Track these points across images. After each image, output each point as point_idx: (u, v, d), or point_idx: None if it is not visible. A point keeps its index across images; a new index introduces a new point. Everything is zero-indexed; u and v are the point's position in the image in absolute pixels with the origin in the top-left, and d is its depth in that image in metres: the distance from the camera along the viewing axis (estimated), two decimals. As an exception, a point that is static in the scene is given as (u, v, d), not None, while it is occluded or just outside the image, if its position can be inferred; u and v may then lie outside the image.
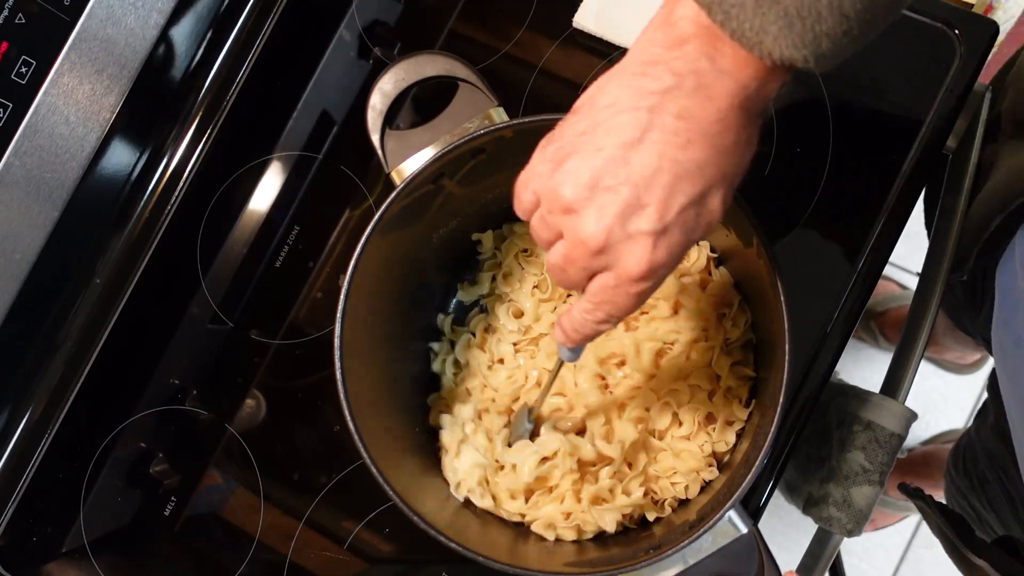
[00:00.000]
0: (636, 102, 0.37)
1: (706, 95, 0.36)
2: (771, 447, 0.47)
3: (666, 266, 0.39)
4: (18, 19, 0.53)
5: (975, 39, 0.60)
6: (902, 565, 1.39)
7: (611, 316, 0.41)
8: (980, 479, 0.74)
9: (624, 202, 0.37)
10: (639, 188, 0.37)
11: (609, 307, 0.41)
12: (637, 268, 0.38)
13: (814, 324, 0.59)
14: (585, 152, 0.38)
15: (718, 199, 0.38)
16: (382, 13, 0.70)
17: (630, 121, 0.37)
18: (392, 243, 0.54)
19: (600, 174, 0.37)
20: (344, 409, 0.50)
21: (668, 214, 0.37)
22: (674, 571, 0.50)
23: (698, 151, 0.36)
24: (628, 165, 0.37)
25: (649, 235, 0.37)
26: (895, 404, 0.62)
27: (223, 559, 0.65)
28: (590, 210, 0.37)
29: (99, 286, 0.62)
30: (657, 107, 0.36)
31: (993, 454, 0.71)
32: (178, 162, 0.63)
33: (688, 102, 0.36)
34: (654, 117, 0.36)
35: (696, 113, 0.36)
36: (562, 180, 0.38)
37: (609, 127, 0.37)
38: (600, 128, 0.37)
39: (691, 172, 0.37)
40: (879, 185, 0.60)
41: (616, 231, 0.37)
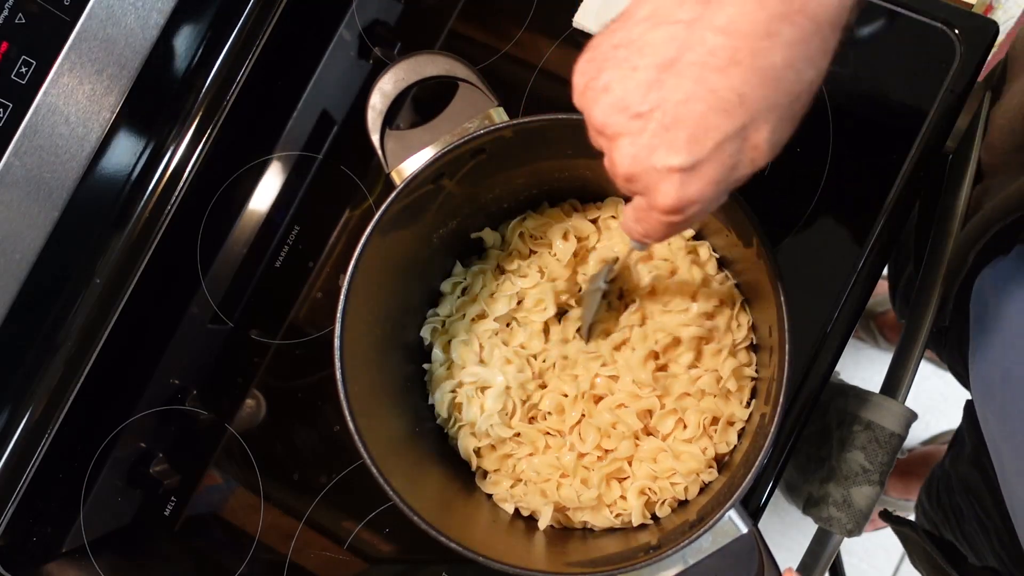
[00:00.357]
0: (675, 13, 0.33)
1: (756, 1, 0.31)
2: (771, 447, 0.47)
3: (699, 202, 0.35)
4: (18, 19, 0.53)
5: (975, 39, 0.60)
6: (902, 565, 1.39)
7: (648, 235, 0.39)
8: (955, 511, 0.73)
9: (653, 132, 0.34)
10: (670, 117, 0.33)
11: (645, 226, 0.38)
12: (664, 202, 0.35)
13: (814, 324, 0.59)
14: (619, 70, 0.34)
15: (764, 134, 0.34)
16: (382, 13, 0.70)
17: (666, 38, 0.33)
18: (392, 243, 0.54)
19: (631, 98, 0.34)
20: (344, 409, 0.50)
21: (701, 150, 0.33)
22: (674, 571, 0.50)
23: (739, 75, 0.32)
24: (661, 89, 0.33)
25: (678, 171, 0.34)
26: (895, 404, 0.62)
27: (223, 559, 0.65)
28: (622, 138, 0.35)
29: (99, 286, 0.62)
30: (697, 20, 0.32)
31: (970, 486, 0.70)
32: (178, 162, 0.63)
33: (732, 11, 0.32)
34: (692, 33, 0.32)
35: (742, 25, 0.32)
36: (593, 99, 0.35)
37: (644, 43, 0.33)
38: (635, 44, 0.34)
39: (728, 101, 0.32)
40: (879, 185, 0.60)
41: (644, 162, 0.34)
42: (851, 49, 0.62)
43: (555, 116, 0.50)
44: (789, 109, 0.34)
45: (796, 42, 0.32)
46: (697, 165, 0.34)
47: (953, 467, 0.76)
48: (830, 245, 0.60)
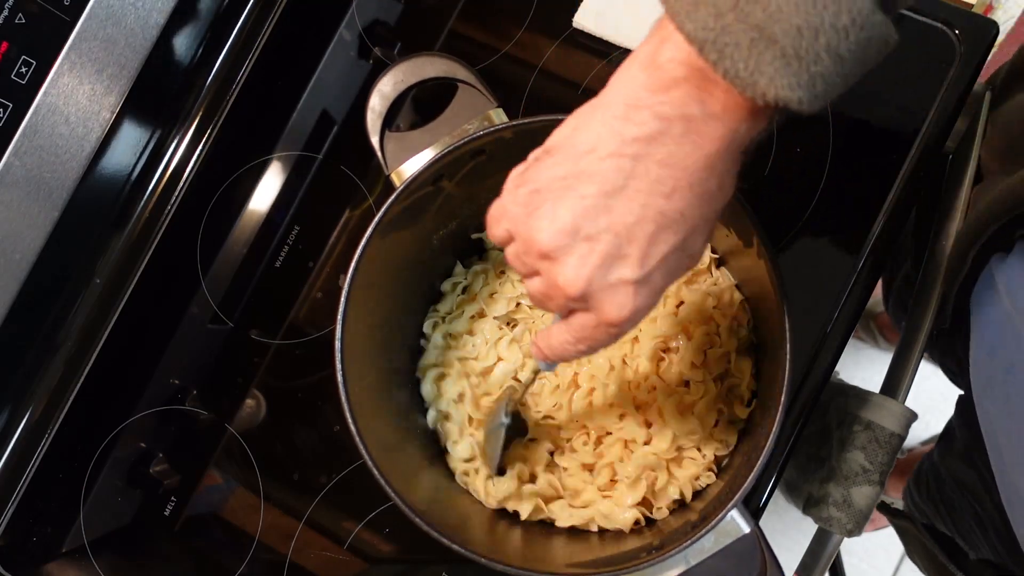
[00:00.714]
0: (620, 148, 0.36)
1: (694, 141, 0.35)
2: (772, 447, 0.47)
3: (647, 309, 0.39)
4: (18, 19, 0.53)
5: (975, 39, 0.60)
6: (902, 565, 1.39)
7: (591, 349, 0.41)
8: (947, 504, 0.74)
9: (605, 252, 0.37)
10: (621, 238, 0.36)
11: (589, 342, 0.41)
12: (618, 315, 0.38)
13: (814, 324, 0.59)
14: (565, 199, 0.37)
15: (700, 241, 0.38)
16: (382, 13, 0.70)
17: (613, 168, 0.36)
18: (392, 244, 0.54)
19: (581, 222, 0.37)
20: (344, 409, 0.50)
21: (650, 263, 0.37)
22: (676, 571, 0.50)
23: (682, 199, 0.36)
24: (610, 213, 0.36)
25: (631, 283, 0.37)
26: (895, 404, 0.62)
27: (223, 559, 0.65)
28: (570, 258, 0.37)
29: (99, 286, 0.62)
30: (642, 155, 0.36)
31: (963, 481, 0.71)
32: (178, 162, 0.63)
33: (674, 148, 0.36)
34: (638, 165, 0.36)
35: (682, 160, 0.36)
36: (539, 226, 0.38)
37: (591, 174, 0.36)
38: (582, 175, 0.37)
39: (674, 221, 0.36)
40: (879, 185, 0.60)
41: (597, 280, 0.37)
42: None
43: (555, 116, 0.50)
44: (714, 220, 0.39)
45: (725, 171, 0.37)
46: (648, 276, 0.37)
47: (943, 461, 0.76)
48: (830, 245, 0.60)
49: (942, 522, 0.75)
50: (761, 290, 0.53)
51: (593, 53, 0.66)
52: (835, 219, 0.61)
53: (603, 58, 0.65)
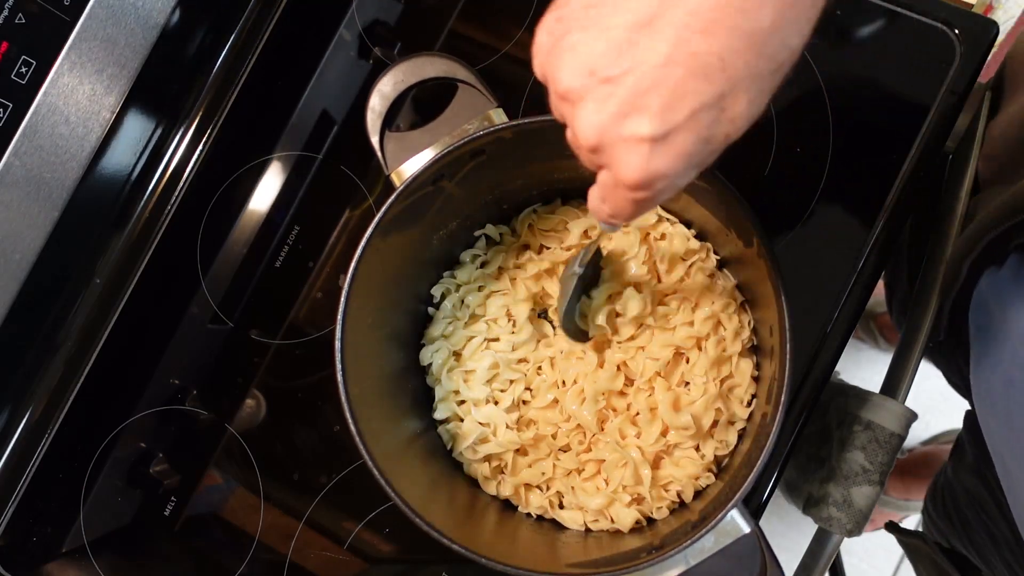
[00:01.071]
0: None
1: None
2: (772, 447, 0.47)
3: (667, 176, 0.32)
4: (18, 19, 0.53)
5: (975, 39, 0.60)
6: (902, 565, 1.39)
7: (615, 215, 0.36)
8: (962, 520, 0.73)
9: (622, 99, 0.31)
10: (643, 83, 0.30)
11: (611, 205, 0.35)
12: (629, 176, 0.32)
13: (814, 324, 0.59)
14: (589, 30, 0.31)
15: (742, 104, 0.31)
16: (382, 13, 0.70)
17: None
18: (392, 245, 0.54)
19: (601, 60, 0.31)
20: (344, 409, 0.50)
21: (674, 117, 0.31)
22: (676, 571, 0.50)
23: (723, 38, 0.29)
24: (635, 51, 0.30)
25: (646, 140, 0.31)
26: (895, 404, 0.62)
27: (223, 559, 0.65)
28: (586, 103, 0.32)
29: (99, 286, 0.62)
30: None
31: (975, 496, 0.70)
32: (178, 162, 0.63)
33: None
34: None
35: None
36: (559, 62, 0.32)
37: (619, 2, 0.31)
38: (610, 2, 0.31)
39: (709, 67, 0.30)
40: (879, 185, 0.60)
41: (611, 130, 0.32)
42: (851, 49, 0.62)
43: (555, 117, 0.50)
44: (770, 79, 0.32)
45: (787, 5, 0.30)
46: (669, 135, 0.31)
47: (956, 476, 0.75)
48: (830, 245, 0.60)
49: (957, 538, 0.74)
50: (761, 290, 0.53)
51: (593, 53, 0.66)
52: (835, 219, 0.61)
53: (603, 58, 0.65)
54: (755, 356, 0.57)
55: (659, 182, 0.33)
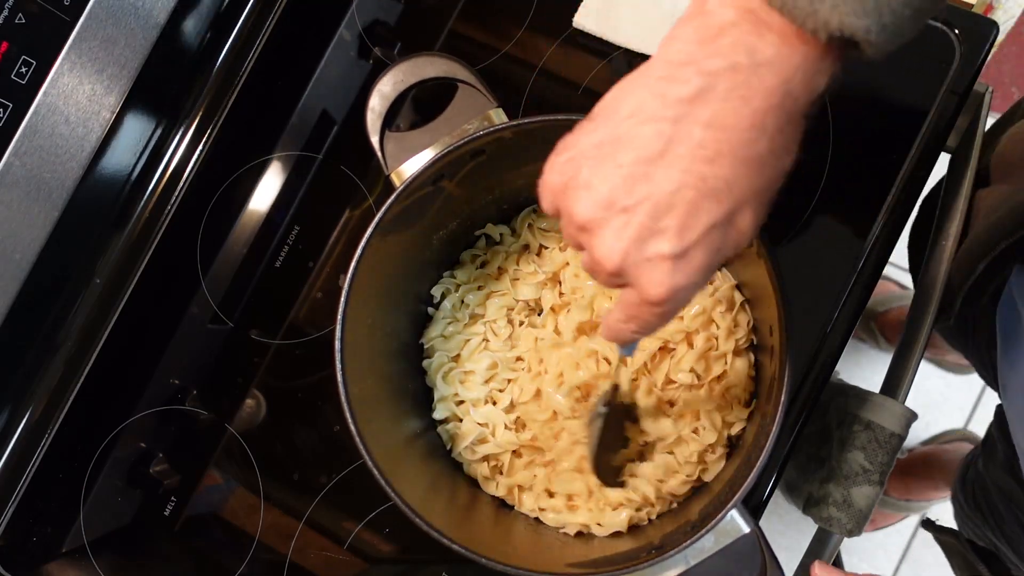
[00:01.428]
0: (661, 111, 0.33)
1: (741, 97, 0.33)
2: (772, 447, 0.47)
3: (688, 288, 0.36)
4: (18, 19, 0.53)
5: (975, 39, 0.60)
6: (902, 565, 1.39)
7: (642, 328, 0.39)
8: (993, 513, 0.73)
9: (641, 224, 0.34)
10: (659, 208, 0.34)
11: (637, 322, 0.38)
12: (656, 292, 0.35)
13: (814, 324, 0.59)
14: (602, 167, 0.35)
15: (748, 218, 0.35)
16: (382, 13, 0.70)
17: (653, 134, 0.33)
18: (392, 244, 0.54)
19: (617, 193, 0.34)
20: (344, 409, 0.50)
21: (690, 236, 0.34)
22: (676, 571, 0.50)
23: (727, 165, 0.33)
24: (648, 182, 0.34)
25: (668, 259, 0.34)
26: (895, 404, 0.62)
27: (223, 559, 0.65)
28: (606, 231, 0.35)
29: (99, 286, 0.62)
30: (684, 116, 0.33)
31: (1006, 492, 0.70)
32: (178, 162, 0.63)
33: (719, 107, 0.33)
34: (679, 128, 0.33)
35: (727, 120, 0.33)
36: (576, 197, 0.36)
37: (629, 140, 0.34)
38: (620, 141, 0.34)
39: (718, 190, 0.33)
40: (879, 185, 0.60)
41: (633, 254, 0.35)
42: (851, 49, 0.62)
43: (555, 117, 0.50)
44: (768, 193, 0.36)
45: (777, 131, 0.34)
46: (687, 251, 0.34)
47: (987, 471, 0.75)
48: (830, 245, 0.60)
49: (991, 531, 0.74)
50: (761, 290, 0.53)
51: (593, 53, 0.66)
52: (835, 219, 0.61)
53: (603, 58, 0.65)
54: (754, 355, 0.57)
55: (681, 294, 0.36)
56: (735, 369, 0.56)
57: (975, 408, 1.41)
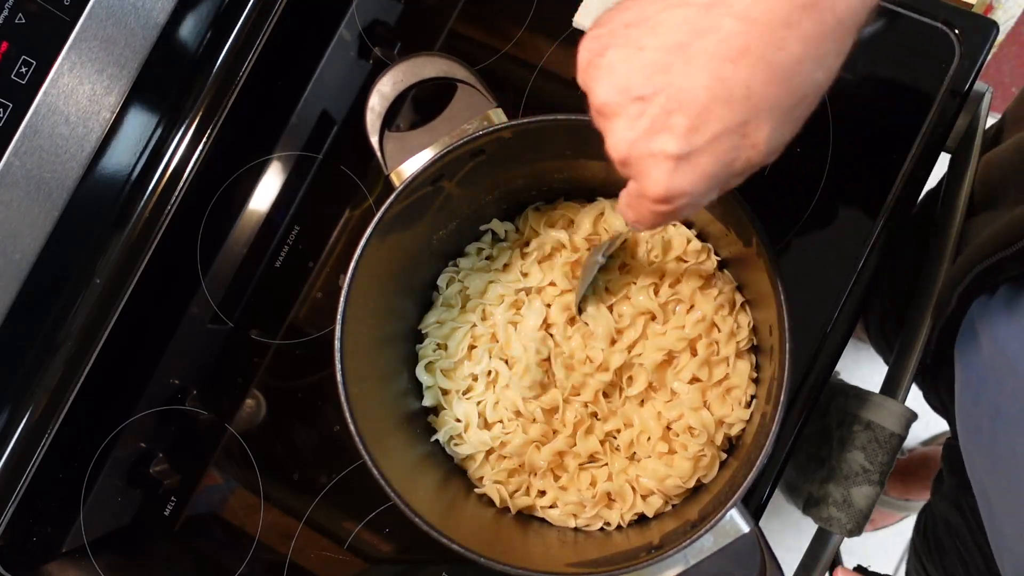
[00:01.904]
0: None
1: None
2: (772, 447, 0.47)
3: (689, 194, 0.34)
4: (18, 19, 0.53)
5: (975, 39, 0.60)
6: (902, 565, 1.39)
7: (638, 222, 0.38)
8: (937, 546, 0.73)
9: (652, 117, 0.32)
10: (672, 103, 0.32)
11: (635, 214, 0.37)
12: (654, 190, 0.34)
13: (814, 324, 0.59)
14: (625, 49, 0.33)
15: (764, 132, 0.32)
16: (382, 13, 0.70)
17: (680, 20, 0.31)
18: (392, 244, 0.54)
19: (635, 79, 0.33)
20: (344, 409, 0.50)
21: (697, 138, 0.32)
22: (676, 571, 0.50)
23: (751, 67, 0.31)
24: (667, 73, 0.32)
25: (671, 158, 0.33)
26: (895, 404, 0.62)
27: (223, 559, 0.65)
28: (619, 119, 0.34)
29: (99, 286, 0.62)
30: (715, 4, 0.31)
31: (950, 522, 0.70)
32: (178, 162, 0.63)
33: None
34: (708, 16, 0.31)
35: (761, 13, 0.30)
36: (597, 78, 0.34)
37: (656, 23, 0.32)
38: (647, 23, 0.32)
39: (734, 94, 0.31)
40: (879, 185, 0.60)
41: (639, 146, 0.33)
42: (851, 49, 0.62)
43: (554, 117, 0.50)
44: (794, 110, 0.33)
45: (813, 37, 0.31)
46: (692, 154, 0.33)
47: (935, 504, 0.75)
48: (830, 245, 0.60)
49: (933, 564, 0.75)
50: (761, 290, 0.53)
51: (593, 53, 0.66)
52: (835, 219, 0.61)
53: (603, 58, 0.65)
54: (755, 356, 0.57)
55: (680, 198, 0.34)
56: (736, 370, 0.56)
57: (975, 408, 1.41)
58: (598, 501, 0.56)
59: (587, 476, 0.57)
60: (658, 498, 0.56)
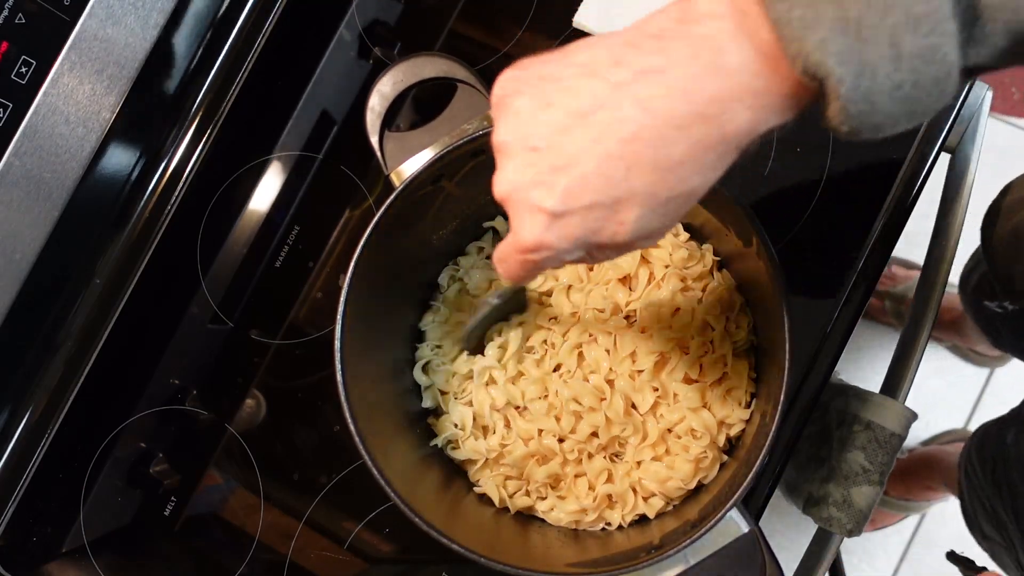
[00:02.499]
0: (607, 73, 0.33)
1: (684, 92, 0.32)
2: (772, 447, 0.47)
3: (553, 250, 0.36)
4: (18, 19, 0.53)
5: (975, 39, 0.60)
6: (902, 565, 1.39)
7: (508, 275, 0.39)
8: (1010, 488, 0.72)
9: (540, 170, 0.35)
10: (560, 161, 0.34)
11: (505, 265, 0.39)
12: (525, 238, 0.36)
13: (814, 324, 0.59)
14: (536, 100, 0.35)
15: (633, 215, 0.34)
16: (382, 13, 0.70)
17: (589, 90, 0.33)
18: (392, 244, 0.54)
19: (536, 130, 0.35)
20: (344, 409, 0.50)
21: (572, 202, 0.34)
22: (676, 571, 0.50)
23: (635, 153, 0.33)
24: (564, 135, 0.34)
25: (546, 212, 0.35)
26: (895, 404, 0.62)
27: (223, 559, 0.65)
28: (511, 162, 0.36)
29: (99, 286, 0.62)
30: (624, 86, 0.32)
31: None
32: (178, 162, 0.63)
33: (660, 92, 0.32)
34: (614, 95, 0.33)
35: (661, 108, 0.32)
36: (504, 116, 0.36)
37: (568, 86, 0.34)
38: (561, 83, 0.34)
39: (615, 172, 0.33)
40: (879, 185, 0.60)
41: (522, 192, 0.35)
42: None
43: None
44: (665, 204, 0.35)
45: (699, 145, 0.33)
46: (565, 215, 0.35)
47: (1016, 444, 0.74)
48: (830, 245, 0.60)
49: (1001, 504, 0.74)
50: (761, 291, 0.53)
51: (593, 53, 0.66)
52: (835, 219, 0.61)
53: (603, 58, 0.65)
54: (754, 356, 0.57)
55: (544, 252, 0.36)
56: (735, 370, 0.56)
57: (975, 408, 1.41)
58: (599, 503, 0.56)
59: (584, 481, 0.57)
60: (659, 499, 0.56)
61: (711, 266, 0.58)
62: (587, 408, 0.55)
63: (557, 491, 0.57)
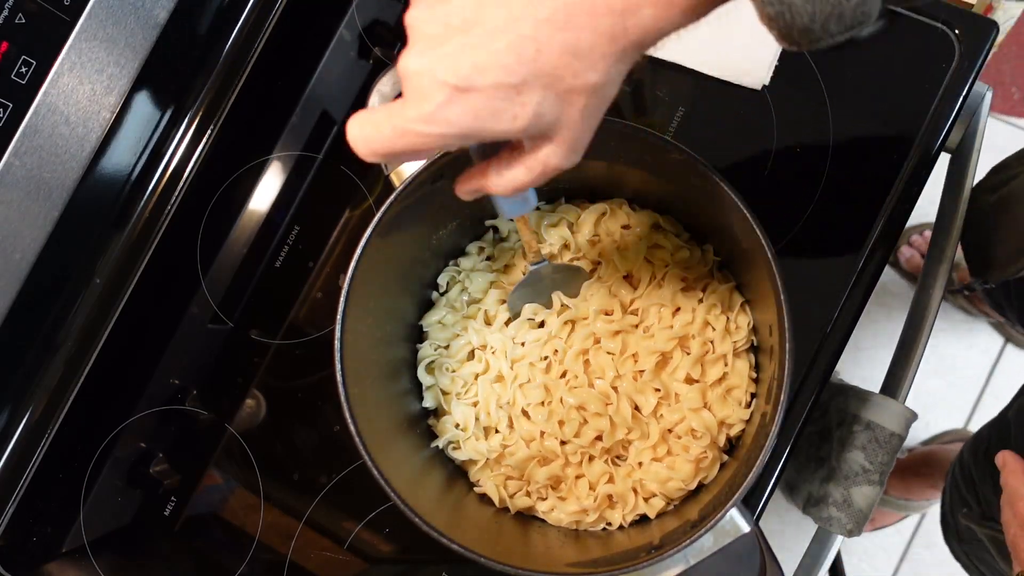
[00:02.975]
0: None
1: None
2: (772, 447, 0.47)
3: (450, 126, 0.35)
4: (18, 19, 0.53)
5: (975, 39, 0.60)
6: (902, 565, 1.39)
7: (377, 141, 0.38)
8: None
9: (451, 47, 0.34)
10: (471, 39, 0.34)
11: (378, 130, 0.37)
12: (423, 108, 0.35)
13: (814, 324, 0.59)
14: None
15: (534, 98, 0.35)
16: (382, 13, 0.70)
17: None
18: (392, 244, 0.54)
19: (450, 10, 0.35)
20: (344, 409, 0.50)
21: (479, 79, 0.34)
22: (676, 571, 0.50)
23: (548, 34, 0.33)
24: (479, 10, 0.34)
25: (451, 87, 0.34)
26: (895, 404, 0.62)
27: (223, 559, 0.65)
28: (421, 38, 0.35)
29: (99, 286, 0.62)
30: None
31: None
32: (178, 162, 0.63)
33: None
34: None
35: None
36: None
37: None
38: None
39: (525, 52, 0.33)
40: (879, 185, 0.60)
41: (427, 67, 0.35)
42: (851, 48, 0.62)
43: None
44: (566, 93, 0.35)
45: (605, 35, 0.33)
46: (470, 91, 0.34)
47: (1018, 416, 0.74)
48: (830, 245, 0.60)
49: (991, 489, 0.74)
50: (761, 291, 0.53)
51: (593, 53, 0.66)
52: (835, 219, 0.61)
53: (603, 58, 0.65)
54: (754, 356, 0.57)
55: (439, 126, 0.35)
56: (736, 370, 0.56)
57: (975, 408, 1.41)
58: (600, 504, 0.56)
59: (584, 482, 0.57)
60: (660, 499, 0.56)
61: (711, 266, 0.58)
62: (592, 413, 0.55)
63: (558, 492, 0.57)
